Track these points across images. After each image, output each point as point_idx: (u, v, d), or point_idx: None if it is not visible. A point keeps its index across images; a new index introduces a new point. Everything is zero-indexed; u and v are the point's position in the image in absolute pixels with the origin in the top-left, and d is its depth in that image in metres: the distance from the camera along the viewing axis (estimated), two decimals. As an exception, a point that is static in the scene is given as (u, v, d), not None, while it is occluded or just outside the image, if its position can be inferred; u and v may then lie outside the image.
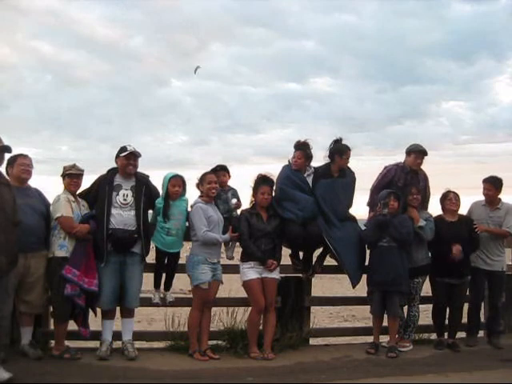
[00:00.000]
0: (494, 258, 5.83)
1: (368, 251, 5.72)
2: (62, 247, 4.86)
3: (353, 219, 5.78)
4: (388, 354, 5.39)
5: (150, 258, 5.23)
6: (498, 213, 5.87)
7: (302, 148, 5.65)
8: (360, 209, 6.09)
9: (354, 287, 5.60)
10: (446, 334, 5.89)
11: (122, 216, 4.97)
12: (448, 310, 5.83)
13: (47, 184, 5.32)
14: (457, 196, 5.81)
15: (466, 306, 6.02)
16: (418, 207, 5.72)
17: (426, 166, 6.08)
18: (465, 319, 6.06)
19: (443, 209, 5.86)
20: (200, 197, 5.24)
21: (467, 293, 5.91)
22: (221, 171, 5.55)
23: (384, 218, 5.48)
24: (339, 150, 5.66)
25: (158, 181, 5.24)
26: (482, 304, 6.08)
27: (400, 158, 6.11)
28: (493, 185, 5.89)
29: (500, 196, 5.95)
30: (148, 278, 5.26)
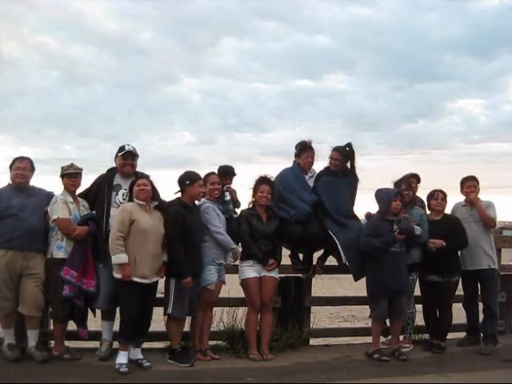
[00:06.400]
0: (479, 255, 5.74)
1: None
2: (59, 248, 4.86)
3: (356, 218, 5.78)
4: (400, 358, 5.30)
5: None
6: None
7: (311, 148, 5.67)
8: (366, 208, 6.06)
9: (356, 280, 5.58)
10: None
11: None
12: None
13: (50, 184, 5.29)
14: (443, 195, 5.82)
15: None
16: (408, 207, 5.66)
17: (436, 166, 6.08)
18: (462, 321, 6.08)
19: (429, 207, 5.87)
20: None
21: (454, 293, 5.81)
22: (232, 175, 5.61)
23: (409, 226, 5.31)
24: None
25: (162, 181, 5.22)
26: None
27: (410, 158, 6.11)
28: (477, 183, 5.93)
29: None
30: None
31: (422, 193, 6.08)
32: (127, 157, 5.08)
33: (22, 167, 4.92)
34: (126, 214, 4.69)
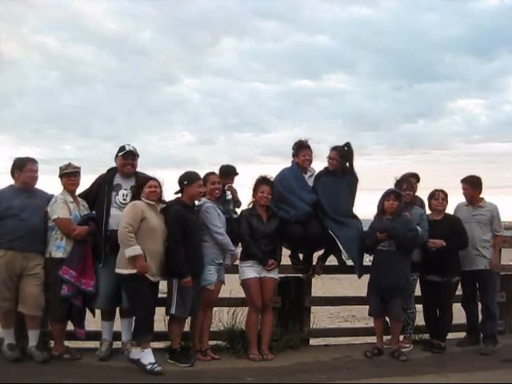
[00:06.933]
0: (476, 256, 5.75)
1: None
2: (58, 248, 4.85)
3: (355, 218, 5.78)
4: (400, 358, 5.32)
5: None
6: (481, 210, 5.86)
7: (308, 146, 5.69)
8: (367, 209, 6.09)
9: (359, 277, 5.61)
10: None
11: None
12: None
13: (50, 184, 5.31)
14: (444, 195, 5.81)
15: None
16: (408, 207, 5.66)
17: (436, 166, 6.07)
18: (462, 321, 6.08)
19: (430, 207, 5.86)
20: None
21: (455, 293, 5.80)
22: (234, 174, 5.64)
23: (387, 225, 5.37)
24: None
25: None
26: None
27: (410, 158, 6.10)
28: (469, 184, 5.90)
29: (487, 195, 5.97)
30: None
31: (422, 193, 6.09)
32: (128, 157, 5.08)
33: (35, 169, 4.96)
34: (138, 210, 4.73)
